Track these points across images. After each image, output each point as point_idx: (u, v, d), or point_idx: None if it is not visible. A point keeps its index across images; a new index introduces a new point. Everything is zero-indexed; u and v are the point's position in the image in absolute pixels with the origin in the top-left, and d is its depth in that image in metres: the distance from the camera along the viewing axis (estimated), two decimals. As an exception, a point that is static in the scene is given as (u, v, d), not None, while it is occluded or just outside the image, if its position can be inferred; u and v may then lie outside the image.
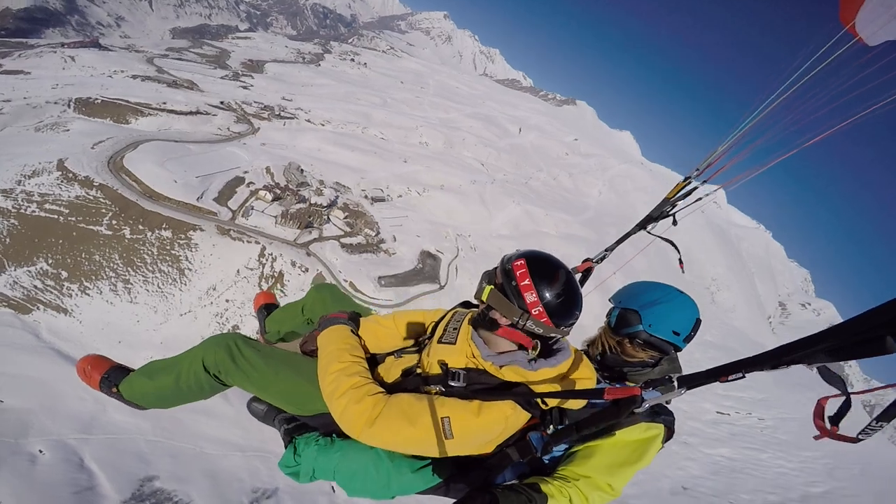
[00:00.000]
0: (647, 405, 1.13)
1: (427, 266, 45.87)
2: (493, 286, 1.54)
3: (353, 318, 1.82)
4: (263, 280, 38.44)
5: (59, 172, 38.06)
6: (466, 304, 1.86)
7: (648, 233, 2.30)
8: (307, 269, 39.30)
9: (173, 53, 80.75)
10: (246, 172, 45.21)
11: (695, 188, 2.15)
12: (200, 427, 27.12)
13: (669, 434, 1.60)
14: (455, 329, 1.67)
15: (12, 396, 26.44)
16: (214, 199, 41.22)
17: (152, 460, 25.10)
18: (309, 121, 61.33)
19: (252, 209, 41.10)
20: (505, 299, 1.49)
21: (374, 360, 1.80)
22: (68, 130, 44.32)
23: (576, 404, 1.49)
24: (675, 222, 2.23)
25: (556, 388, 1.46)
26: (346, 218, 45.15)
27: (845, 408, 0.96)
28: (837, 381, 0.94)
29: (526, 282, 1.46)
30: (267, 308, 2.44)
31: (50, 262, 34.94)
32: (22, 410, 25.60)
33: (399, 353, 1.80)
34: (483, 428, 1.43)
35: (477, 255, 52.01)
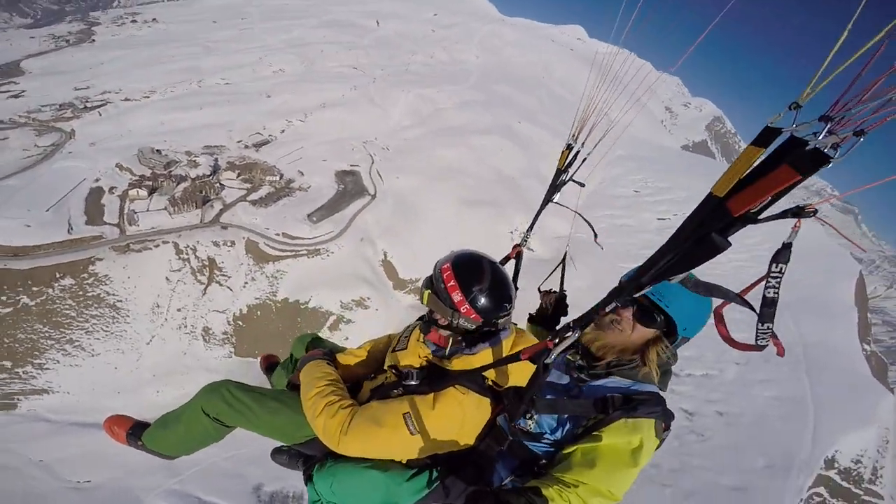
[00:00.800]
0: (553, 354, 1.27)
1: (349, 184, 45.47)
2: (430, 290, 1.68)
3: (328, 354, 1.97)
4: (198, 273, 36.52)
5: None
6: (422, 318, 1.96)
7: (557, 204, 2.37)
8: (233, 243, 37.54)
9: None
10: (97, 180, 38.36)
11: (577, 152, 2.27)
12: (251, 426, 29.01)
13: (666, 426, 1.50)
14: (406, 336, 1.84)
15: (90, 474, 27.12)
16: (87, 224, 35.55)
17: (243, 472, 27.32)
18: (127, 99, 50.17)
19: (135, 213, 36.32)
20: (439, 301, 1.64)
21: (355, 390, 1.92)
22: None
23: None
24: (582, 185, 2.30)
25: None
26: (239, 176, 41.66)
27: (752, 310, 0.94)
28: (715, 290, 0.96)
29: (452, 283, 1.61)
30: (270, 366, 2.67)
31: (-19, 360, 30.54)
32: (112, 480, 26.67)
33: (372, 375, 1.95)
34: (441, 418, 1.52)
35: (392, 154, 51.77)
